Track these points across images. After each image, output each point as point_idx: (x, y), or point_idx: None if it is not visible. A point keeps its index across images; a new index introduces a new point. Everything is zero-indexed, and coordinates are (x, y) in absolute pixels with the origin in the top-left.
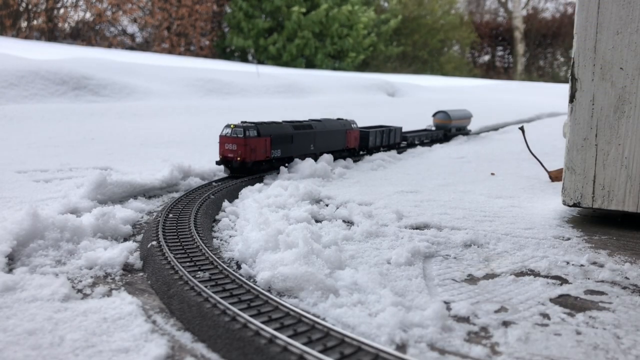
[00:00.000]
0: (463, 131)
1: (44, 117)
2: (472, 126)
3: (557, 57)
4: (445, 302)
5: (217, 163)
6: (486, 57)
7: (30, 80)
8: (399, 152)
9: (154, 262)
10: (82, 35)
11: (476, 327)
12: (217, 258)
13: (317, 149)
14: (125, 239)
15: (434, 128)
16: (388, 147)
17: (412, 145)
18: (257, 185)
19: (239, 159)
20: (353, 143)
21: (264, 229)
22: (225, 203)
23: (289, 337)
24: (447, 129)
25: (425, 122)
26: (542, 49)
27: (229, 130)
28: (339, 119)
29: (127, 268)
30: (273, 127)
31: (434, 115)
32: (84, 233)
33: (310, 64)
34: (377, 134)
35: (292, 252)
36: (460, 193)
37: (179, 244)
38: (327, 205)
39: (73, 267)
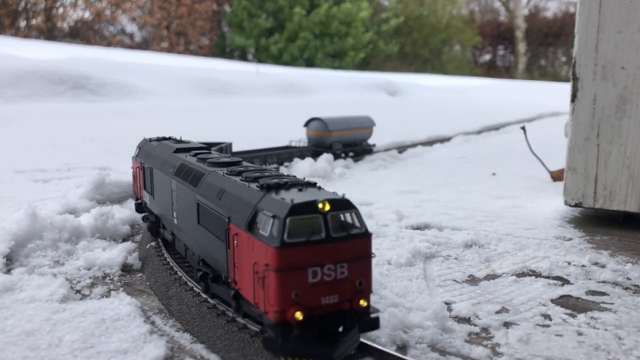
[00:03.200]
0: (357, 148)
1: (42, 117)
2: (473, 126)
3: (559, 56)
4: (446, 303)
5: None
6: (487, 57)
7: (29, 79)
8: (399, 152)
9: (153, 263)
10: (81, 34)
11: (477, 327)
12: None
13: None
14: (124, 240)
15: (305, 143)
16: None
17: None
18: None
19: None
20: None
21: None
22: None
23: None
24: (326, 144)
25: (426, 122)
26: (543, 49)
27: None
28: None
29: (126, 269)
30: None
31: (306, 125)
32: (82, 233)
33: (310, 64)
34: None
35: None
36: (461, 193)
37: None
38: None
39: (71, 268)
